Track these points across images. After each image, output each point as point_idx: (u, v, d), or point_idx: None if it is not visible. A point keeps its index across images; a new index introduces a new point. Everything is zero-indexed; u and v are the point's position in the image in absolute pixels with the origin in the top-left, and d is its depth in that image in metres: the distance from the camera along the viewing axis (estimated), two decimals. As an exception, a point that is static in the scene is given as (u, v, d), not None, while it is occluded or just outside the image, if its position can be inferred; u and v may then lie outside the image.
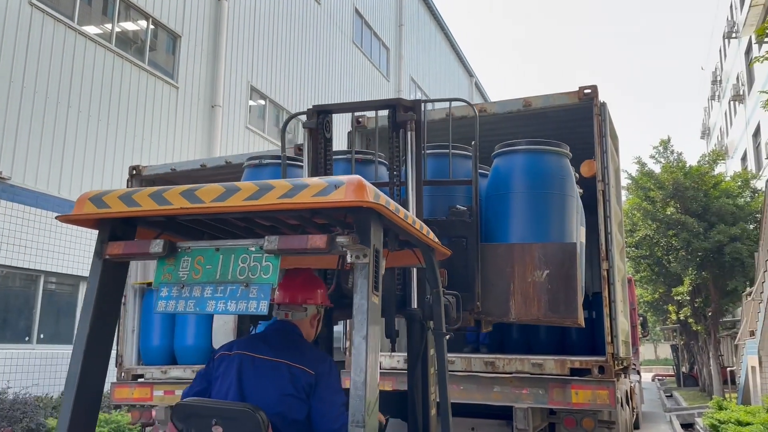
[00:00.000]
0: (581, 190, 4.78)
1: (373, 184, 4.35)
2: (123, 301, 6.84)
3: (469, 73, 34.46)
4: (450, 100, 4.08)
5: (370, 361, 2.03)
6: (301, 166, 4.51)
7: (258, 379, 2.50)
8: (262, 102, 16.99)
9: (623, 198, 15.16)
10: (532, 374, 4.91)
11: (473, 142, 4.04)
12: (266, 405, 2.39)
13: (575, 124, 5.81)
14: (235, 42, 15.69)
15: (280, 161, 4.53)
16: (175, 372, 6.45)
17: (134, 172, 7.16)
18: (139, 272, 7.01)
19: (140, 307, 6.90)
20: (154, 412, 6.44)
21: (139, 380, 6.58)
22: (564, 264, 4.10)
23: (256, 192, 2.07)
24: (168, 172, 7.13)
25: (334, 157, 3.86)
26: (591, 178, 5.30)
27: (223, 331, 3.14)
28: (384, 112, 3.87)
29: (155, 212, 2.17)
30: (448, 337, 2.98)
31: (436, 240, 2.79)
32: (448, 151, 4.08)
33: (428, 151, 3.90)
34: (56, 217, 2.44)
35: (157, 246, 2.20)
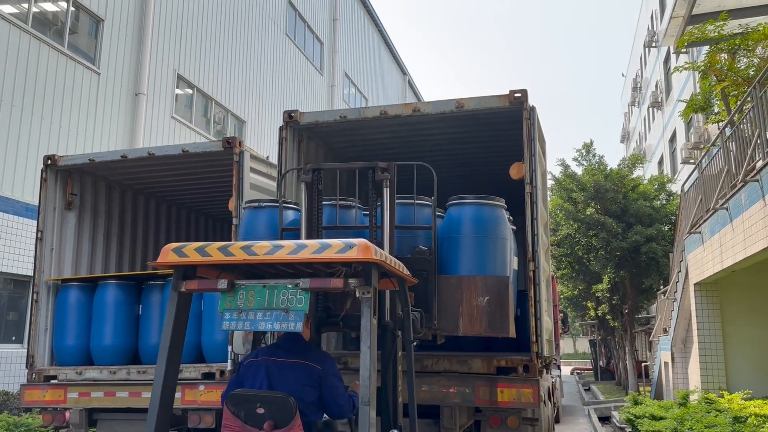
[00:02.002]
0: (514, 227, 5.53)
1: (356, 227, 5.10)
2: (35, 297, 6.47)
3: (403, 71, 34.66)
4: (415, 164, 4.89)
5: (372, 362, 2.96)
6: (293, 208, 5.48)
7: (281, 375, 3.45)
8: (190, 91, 16.48)
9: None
10: (459, 373, 5.03)
11: (432, 197, 4.88)
12: (290, 392, 3.28)
13: (505, 126, 5.90)
14: (162, 28, 15.14)
15: (276, 204, 5.37)
16: (92, 373, 6.17)
17: (49, 162, 6.79)
18: (54, 268, 6.65)
19: (54, 304, 6.54)
20: (68, 415, 6.13)
21: (52, 381, 6.27)
22: (500, 292, 5.01)
23: (295, 249, 3.00)
24: (86, 162, 6.79)
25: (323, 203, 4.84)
26: (519, 180, 5.41)
27: (241, 336, 4.28)
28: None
29: (223, 261, 3.09)
30: (415, 344, 3.93)
31: (408, 273, 3.69)
32: (413, 201, 5.10)
33: (396, 201, 4.72)
34: (148, 263, 3.46)
35: (222, 284, 3.11)
